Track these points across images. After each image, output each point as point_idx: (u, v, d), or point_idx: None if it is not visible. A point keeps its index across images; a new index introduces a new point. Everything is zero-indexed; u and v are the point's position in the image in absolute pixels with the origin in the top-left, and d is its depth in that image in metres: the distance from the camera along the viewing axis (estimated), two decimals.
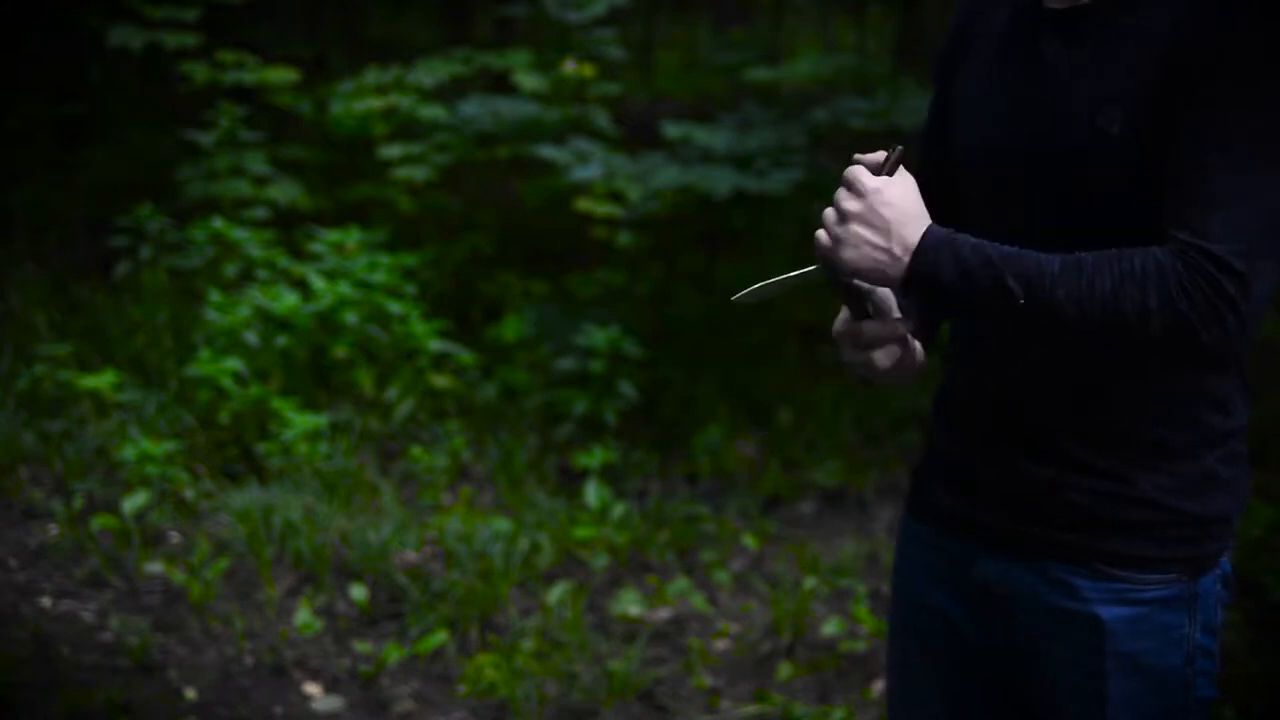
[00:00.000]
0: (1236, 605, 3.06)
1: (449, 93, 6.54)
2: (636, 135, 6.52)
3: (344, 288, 5.16)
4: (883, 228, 1.71)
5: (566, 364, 5.25)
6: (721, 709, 3.75)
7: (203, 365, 4.80)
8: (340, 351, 5.11)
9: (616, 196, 5.71)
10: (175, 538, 4.30)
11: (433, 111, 6.06)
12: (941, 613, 1.94)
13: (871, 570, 4.45)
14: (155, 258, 5.66)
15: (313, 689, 3.74)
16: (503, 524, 4.37)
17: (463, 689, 3.75)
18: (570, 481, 4.87)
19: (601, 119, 5.99)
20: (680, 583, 4.29)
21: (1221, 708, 3.39)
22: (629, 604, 4.14)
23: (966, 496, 1.90)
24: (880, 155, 1.76)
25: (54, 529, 4.30)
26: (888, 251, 1.71)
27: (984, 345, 1.88)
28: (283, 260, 5.46)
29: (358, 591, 4.09)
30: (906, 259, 1.71)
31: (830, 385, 5.64)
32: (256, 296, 5.11)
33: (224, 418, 4.75)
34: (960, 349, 1.94)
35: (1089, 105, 1.73)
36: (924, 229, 1.72)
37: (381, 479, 4.66)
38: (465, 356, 5.29)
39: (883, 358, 1.82)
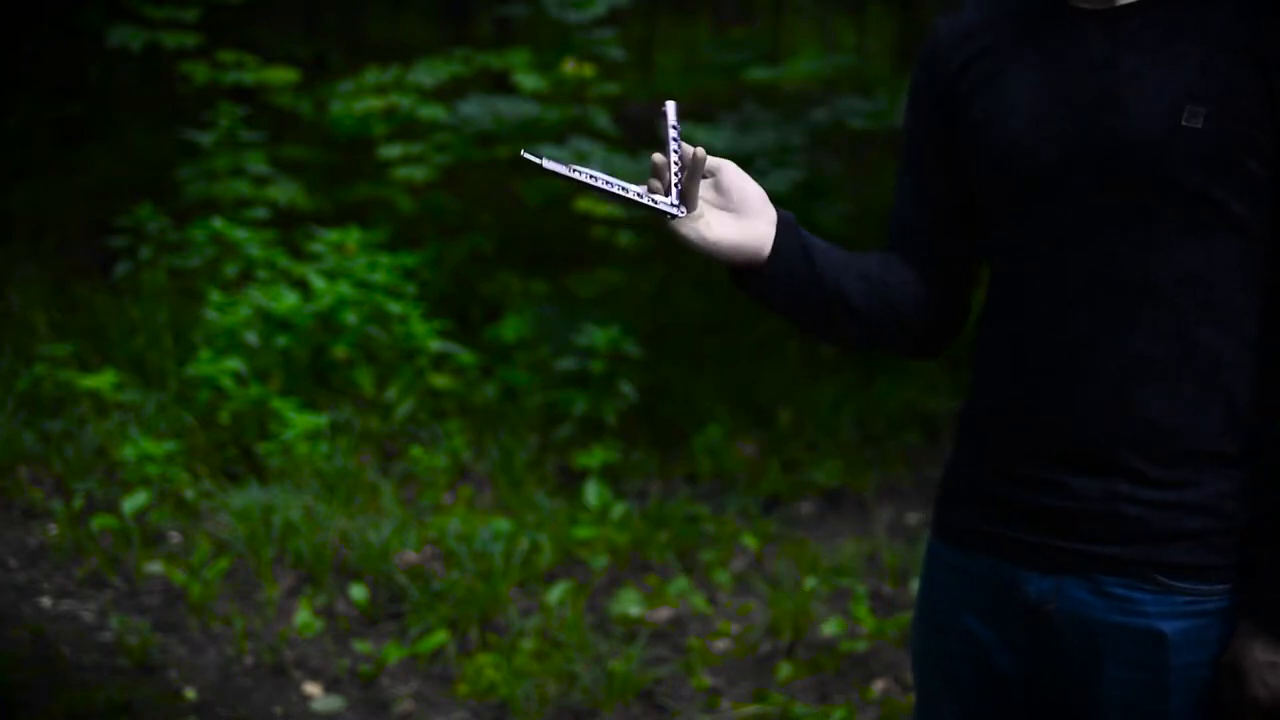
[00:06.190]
0: None
1: (449, 93, 6.55)
2: (636, 135, 6.52)
3: (344, 288, 5.16)
4: None
5: (566, 364, 5.25)
6: (721, 709, 3.75)
7: (203, 365, 4.81)
8: (340, 351, 5.11)
9: None
10: (175, 538, 4.30)
11: (433, 111, 6.06)
12: (970, 637, 1.88)
13: (871, 570, 4.45)
14: (155, 258, 5.66)
15: (313, 689, 3.74)
16: (503, 524, 4.37)
17: (463, 689, 3.75)
18: (570, 481, 4.87)
19: (601, 119, 5.99)
20: (680, 583, 4.28)
21: None
22: (629, 604, 4.14)
23: (1007, 516, 1.84)
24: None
25: (54, 529, 4.30)
26: None
27: (1026, 359, 1.81)
28: (283, 260, 5.46)
29: (358, 591, 4.09)
30: None
31: (830, 385, 5.64)
32: (256, 296, 5.11)
33: (224, 418, 4.75)
34: (995, 364, 1.87)
35: (1168, 102, 1.71)
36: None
37: (381, 479, 4.66)
38: (465, 356, 5.29)
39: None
